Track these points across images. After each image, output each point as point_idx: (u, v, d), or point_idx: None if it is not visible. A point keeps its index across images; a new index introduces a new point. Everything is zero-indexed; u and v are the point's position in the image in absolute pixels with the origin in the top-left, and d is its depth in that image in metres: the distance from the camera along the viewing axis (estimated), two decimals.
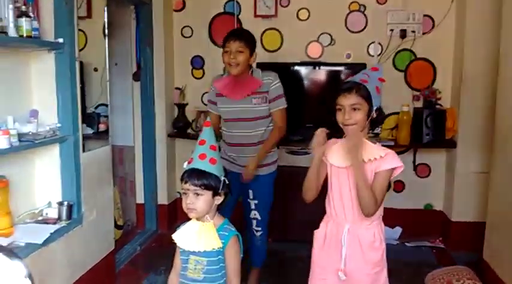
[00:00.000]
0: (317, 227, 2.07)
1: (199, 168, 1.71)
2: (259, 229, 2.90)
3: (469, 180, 3.70)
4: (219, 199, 1.75)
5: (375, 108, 1.85)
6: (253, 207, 2.86)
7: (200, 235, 1.72)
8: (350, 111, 1.84)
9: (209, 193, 1.71)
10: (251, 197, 2.85)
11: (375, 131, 1.98)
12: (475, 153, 3.67)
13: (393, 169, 1.84)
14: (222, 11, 4.07)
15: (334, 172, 1.95)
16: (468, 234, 3.57)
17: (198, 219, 1.74)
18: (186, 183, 1.71)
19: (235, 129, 2.80)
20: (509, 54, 2.83)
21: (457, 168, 3.74)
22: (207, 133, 1.79)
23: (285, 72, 3.97)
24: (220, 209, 1.81)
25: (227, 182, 1.76)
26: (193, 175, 1.70)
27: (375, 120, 1.89)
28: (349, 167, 1.86)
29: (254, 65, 2.83)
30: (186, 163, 1.77)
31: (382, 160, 1.84)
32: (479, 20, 3.54)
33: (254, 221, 2.89)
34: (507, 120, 2.83)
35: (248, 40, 2.70)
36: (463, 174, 3.72)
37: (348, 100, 1.84)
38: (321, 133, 1.93)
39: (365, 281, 1.91)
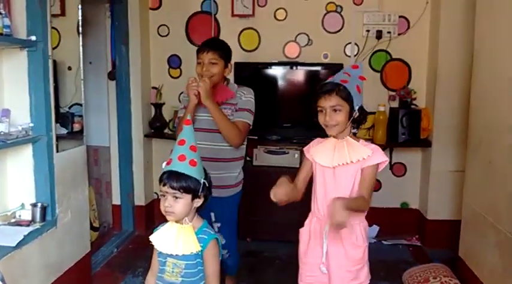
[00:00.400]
0: (295, 226, 2.10)
1: (178, 170, 1.65)
2: (226, 252, 2.59)
3: (443, 178, 3.77)
4: (198, 202, 1.71)
5: (356, 107, 1.86)
6: (216, 230, 2.53)
7: (178, 238, 1.67)
8: (331, 112, 1.86)
9: (188, 197, 1.67)
10: (213, 220, 2.58)
11: (352, 131, 1.97)
12: (449, 152, 3.74)
13: (378, 164, 1.87)
14: (199, 10, 4.04)
15: (319, 171, 1.97)
16: (444, 232, 3.64)
17: (176, 221, 1.70)
18: (164, 185, 1.66)
19: (203, 141, 2.45)
20: (482, 55, 2.89)
21: (432, 166, 3.80)
22: (187, 133, 1.73)
23: (263, 71, 3.99)
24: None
25: (207, 185, 1.72)
26: (172, 177, 1.65)
27: (358, 119, 1.90)
28: (337, 167, 1.89)
29: (232, 79, 2.68)
30: (164, 164, 1.71)
31: (374, 153, 1.87)
32: (454, 22, 3.61)
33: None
34: (481, 120, 2.89)
35: (222, 50, 2.54)
36: (438, 172, 3.79)
37: (328, 102, 1.86)
38: (281, 185, 1.86)
39: (346, 277, 1.94)
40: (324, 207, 1.96)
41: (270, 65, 3.96)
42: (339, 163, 1.88)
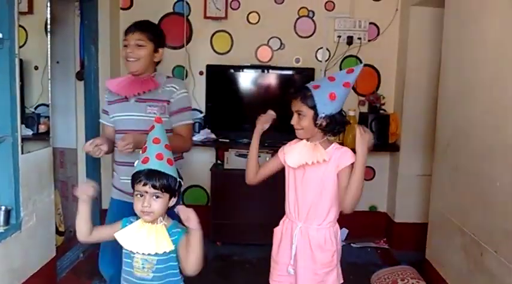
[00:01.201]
0: (265, 229, 2.12)
1: (159, 169, 1.61)
2: None
3: (411, 182, 3.86)
4: (173, 201, 1.69)
5: (322, 115, 1.83)
6: None
7: (150, 237, 1.64)
8: (296, 116, 1.89)
9: (167, 196, 1.64)
10: None
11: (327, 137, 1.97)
12: (417, 156, 3.83)
13: (352, 164, 1.86)
14: (171, 11, 4.01)
15: (290, 173, 1.99)
16: (411, 235, 3.72)
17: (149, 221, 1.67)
18: (144, 185, 1.60)
19: None
20: (449, 61, 2.98)
21: (400, 170, 3.88)
22: (159, 131, 1.69)
23: (235, 74, 3.98)
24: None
25: (182, 183, 1.71)
26: (153, 176, 1.60)
27: (327, 127, 1.87)
28: (305, 167, 1.90)
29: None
30: (138, 162, 1.66)
31: (341, 157, 1.87)
32: (422, 29, 3.71)
33: None
34: (448, 125, 2.97)
35: (152, 32, 2.25)
36: (406, 176, 3.87)
37: (294, 106, 1.90)
38: (269, 116, 2.05)
39: (313, 280, 1.95)
40: (293, 209, 1.97)
41: (242, 68, 3.96)
42: (300, 164, 1.90)
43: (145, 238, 1.65)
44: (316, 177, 1.91)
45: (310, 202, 1.92)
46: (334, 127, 1.90)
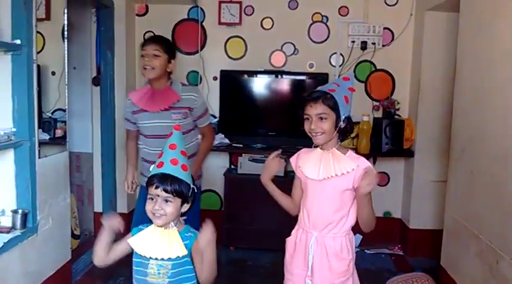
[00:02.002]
0: (279, 235, 2.10)
1: (171, 173, 1.64)
2: None
3: (426, 188, 3.82)
4: (186, 207, 1.70)
5: (343, 117, 1.84)
6: None
7: (164, 242, 1.65)
8: (317, 120, 1.84)
9: (179, 201, 1.66)
10: None
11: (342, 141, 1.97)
12: (431, 162, 3.79)
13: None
14: (186, 17, 4.05)
15: (309, 184, 1.95)
16: (426, 241, 3.68)
17: (161, 225, 1.68)
18: (156, 188, 1.63)
19: (155, 147, 2.55)
20: (464, 66, 2.95)
21: (415, 176, 3.85)
22: (176, 138, 1.72)
23: (248, 80, 4.00)
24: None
25: (196, 190, 1.72)
26: (166, 180, 1.63)
27: (344, 130, 1.89)
28: (324, 180, 1.88)
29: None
30: (153, 167, 1.69)
31: (362, 162, 1.87)
32: (437, 33, 3.68)
33: None
34: (463, 130, 2.93)
35: (166, 44, 2.60)
36: (421, 182, 3.83)
37: (314, 110, 1.84)
38: (272, 161, 1.99)
39: None
40: (310, 219, 1.94)
41: (255, 73, 3.98)
42: (325, 177, 1.87)
43: (158, 243, 1.66)
44: (335, 186, 1.88)
45: (327, 212, 1.90)
46: (350, 130, 1.92)
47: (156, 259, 1.66)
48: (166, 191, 1.62)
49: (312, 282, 1.93)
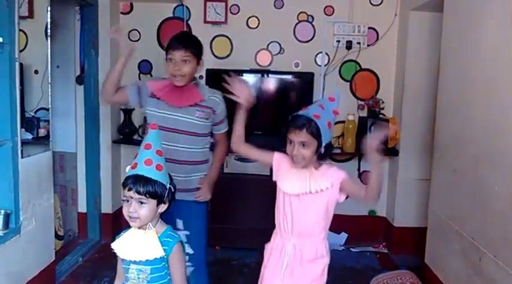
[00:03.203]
0: (264, 234, 2.11)
1: (145, 174, 1.61)
2: (190, 264, 2.33)
3: (410, 186, 3.86)
4: (163, 207, 1.68)
5: (324, 143, 1.87)
6: (185, 240, 2.28)
7: (141, 244, 1.64)
8: (299, 147, 1.88)
9: (154, 202, 1.63)
10: (181, 228, 2.36)
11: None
12: (416, 160, 3.83)
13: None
14: (171, 15, 4.02)
15: (285, 197, 1.98)
16: (410, 239, 3.72)
17: (139, 227, 1.67)
18: (129, 190, 1.61)
19: (170, 142, 2.30)
20: (448, 66, 2.99)
21: (399, 175, 3.88)
22: (153, 137, 1.70)
23: None
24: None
25: (173, 190, 1.70)
26: (138, 182, 1.60)
27: (323, 155, 1.92)
28: (300, 195, 1.91)
29: (200, 73, 2.54)
30: (128, 168, 1.67)
31: (333, 176, 1.91)
32: (421, 33, 3.72)
33: (187, 257, 2.24)
34: (446, 130, 2.97)
35: (196, 47, 2.37)
36: (405, 180, 3.87)
37: (298, 137, 1.87)
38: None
39: None
40: (288, 228, 1.96)
41: (241, 72, 3.96)
42: (299, 193, 1.91)
43: (136, 246, 1.65)
44: (313, 202, 1.92)
45: (306, 224, 1.94)
46: (329, 154, 1.96)
47: (135, 262, 1.65)
48: (139, 193, 1.60)
49: None
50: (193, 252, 2.39)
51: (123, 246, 1.68)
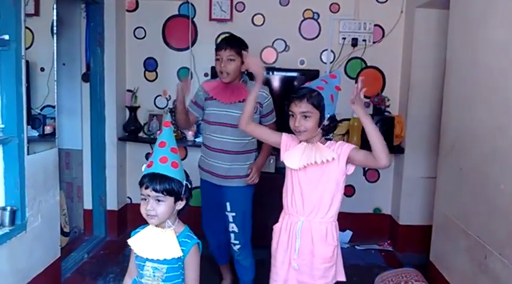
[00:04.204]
0: (266, 232, 2.15)
1: (160, 172, 1.62)
2: (237, 242, 2.80)
3: (415, 184, 3.85)
4: (180, 205, 1.68)
5: (327, 116, 1.88)
6: (231, 219, 2.77)
7: (159, 243, 1.64)
8: (301, 118, 1.88)
9: (171, 199, 1.64)
10: (228, 209, 2.77)
11: (327, 136, 2.01)
12: (421, 158, 3.82)
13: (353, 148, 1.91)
14: (177, 13, 4.02)
15: (293, 174, 1.99)
16: (415, 237, 3.71)
17: (157, 225, 1.67)
18: (146, 188, 1.61)
19: (218, 134, 2.71)
20: (454, 64, 2.97)
21: (405, 173, 3.87)
22: (167, 135, 1.70)
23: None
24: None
25: (190, 186, 1.70)
26: (155, 180, 1.61)
27: (327, 128, 1.93)
28: (306, 167, 1.92)
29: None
30: (144, 167, 1.67)
31: (340, 149, 1.90)
32: (427, 31, 3.70)
33: (232, 235, 2.80)
34: (452, 128, 2.96)
35: (240, 47, 2.68)
36: (410, 178, 3.86)
37: (298, 108, 1.88)
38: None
39: (313, 275, 1.97)
40: (297, 205, 1.97)
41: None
42: (304, 164, 1.91)
43: (154, 244, 1.65)
44: (320, 175, 1.93)
45: (314, 199, 1.94)
46: (333, 128, 1.95)
47: (152, 260, 1.65)
48: (156, 190, 1.61)
49: (297, 265, 1.96)
50: (238, 231, 2.78)
51: (140, 243, 1.67)
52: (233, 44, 2.68)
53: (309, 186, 1.94)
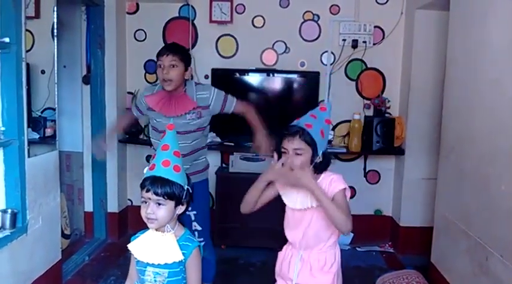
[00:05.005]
0: (270, 233, 2.11)
1: (162, 176, 1.60)
2: (202, 240, 2.71)
3: (416, 186, 3.84)
4: (181, 209, 1.66)
5: (320, 152, 1.86)
6: (193, 218, 2.72)
7: (160, 247, 1.62)
8: (293, 155, 1.86)
9: (172, 203, 1.61)
10: (189, 209, 2.68)
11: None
12: (422, 160, 3.82)
13: (344, 189, 1.87)
14: (177, 15, 4.03)
15: (290, 212, 1.99)
16: (416, 238, 3.70)
17: (157, 229, 1.65)
18: (147, 191, 1.59)
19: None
20: (454, 65, 2.97)
21: (405, 174, 3.87)
22: (170, 138, 1.68)
23: (240, 78, 4.00)
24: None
25: (191, 191, 1.68)
26: (156, 183, 1.59)
27: (319, 165, 1.89)
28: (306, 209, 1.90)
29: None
30: (146, 169, 1.65)
31: (329, 186, 1.87)
32: (427, 32, 3.70)
33: (196, 233, 2.73)
34: (453, 129, 2.95)
35: (182, 54, 2.59)
36: (411, 180, 3.86)
37: (291, 145, 1.86)
38: (274, 168, 1.92)
39: None
40: (296, 239, 1.97)
41: (247, 71, 3.98)
42: (301, 208, 1.90)
43: (154, 248, 1.63)
44: (316, 212, 1.90)
45: (312, 235, 1.93)
46: (326, 165, 1.92)
47: (153, 265, 1.64)
48: (157, 194, 1.59)
49: None
50: (201, 228, 2.74)
51: (140, 248, 1.66)
52: (175, 49, 2.60)
53: (306, 225, 1.93)
